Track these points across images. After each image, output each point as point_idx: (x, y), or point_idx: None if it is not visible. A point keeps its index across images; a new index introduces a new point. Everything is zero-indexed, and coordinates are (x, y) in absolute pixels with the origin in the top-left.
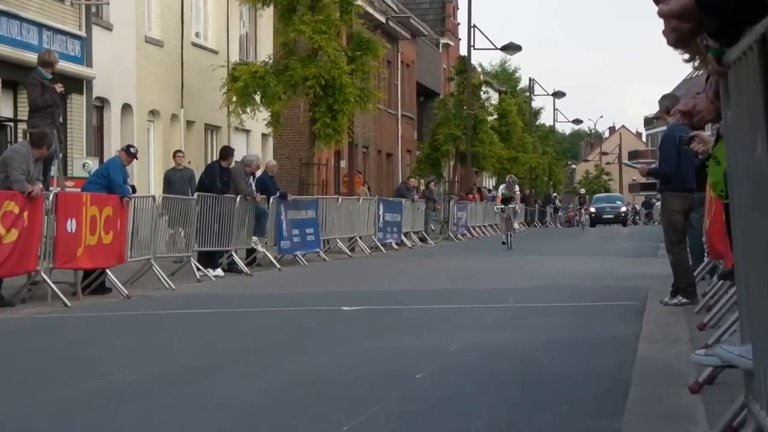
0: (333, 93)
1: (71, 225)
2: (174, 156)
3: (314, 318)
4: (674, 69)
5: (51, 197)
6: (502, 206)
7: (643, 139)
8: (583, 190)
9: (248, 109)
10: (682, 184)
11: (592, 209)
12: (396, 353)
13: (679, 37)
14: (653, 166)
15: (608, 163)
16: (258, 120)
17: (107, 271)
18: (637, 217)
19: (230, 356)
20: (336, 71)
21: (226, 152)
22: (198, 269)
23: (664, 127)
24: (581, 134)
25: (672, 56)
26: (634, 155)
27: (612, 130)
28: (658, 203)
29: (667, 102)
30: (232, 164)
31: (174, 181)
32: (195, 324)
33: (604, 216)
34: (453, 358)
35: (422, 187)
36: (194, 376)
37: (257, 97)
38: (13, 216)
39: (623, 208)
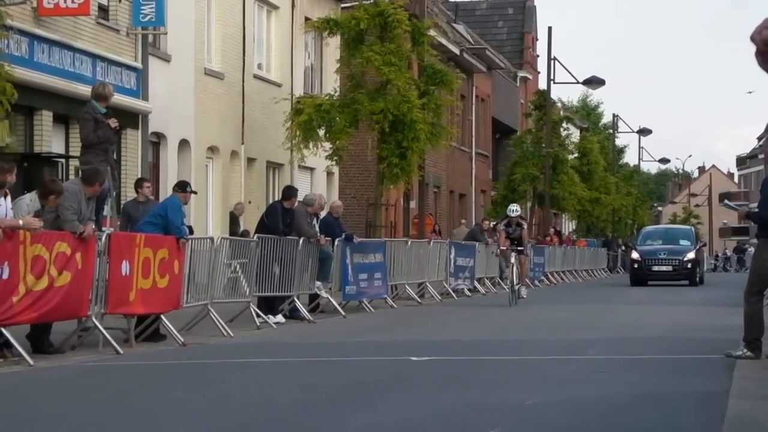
0: (402, 129)
1: (125, 268)
2: (139, 185)
3: (380, 369)
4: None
5: (104, 238)
6: (504, 247)
7: (735, 179)
8: None
9: (311, 145)
10: None
11: (635, 255)
12: (467, 408)
13: None
14: (753, 208)
15: (697, 206)
16: (321, 157)
17: (162, 317)
18: (728, 264)
19: (289, 410)
20: (406, 106)
21: (289, 192)
22: (258, 315)
23: (761, 167)
24: (668, 174)
25: (765, 93)
26: (725, 197)
27: (702, 169)
28: (751, 249)
29: None
30: (296, 205)
31: (134, 216)
32: (253, 374)
33: (655, 268)
34: (529, 414)
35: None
36: (251, 431)
37: (321, 132)
38: (65, 257)
39: (690, 255)
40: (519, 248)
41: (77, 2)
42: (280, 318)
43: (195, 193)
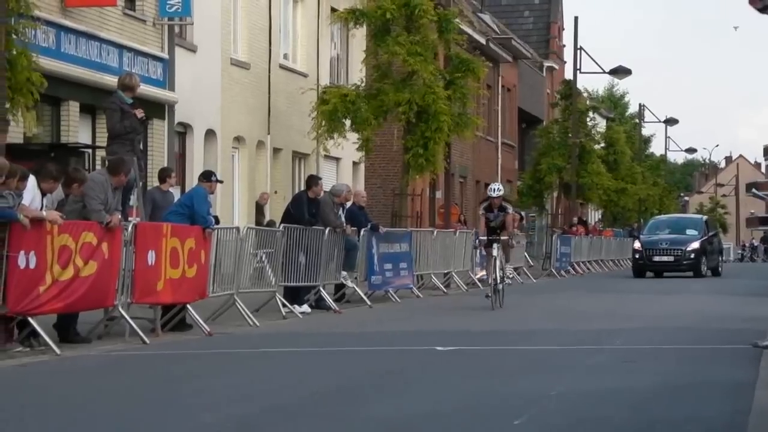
0: (427, 120)
1: (151, 257)
2: (167, 175)
3: (406, 358)
4: None
5: (130, 228)
6: (486, 238)
7: (762, 169)
8: None
9: (335, 135)
10: None
11: (637, 245)
12: (493, 397)
13: None
14: None
15: (724, 195)
16: (347, 147)
17: (188, 306)
18: (755, 254)
19: (314, 398)
20: (431, 96)
21: (311, 181)
22: (284, 305)
23: None
24: (695, 164)
25: None
26: (752, 187)
27: (728, 159)
28: None
29: None
30: (321, 194)
31: (160, 204)
32: (279, 364)
33: (656, 258)
34: (555, 404)
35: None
36: (275, 419)
37: (347, 122)
38: (91, 248)
39: (694, 245)
40: (502, 238)
41: None
42: (305, 308)
43: (221, 182)
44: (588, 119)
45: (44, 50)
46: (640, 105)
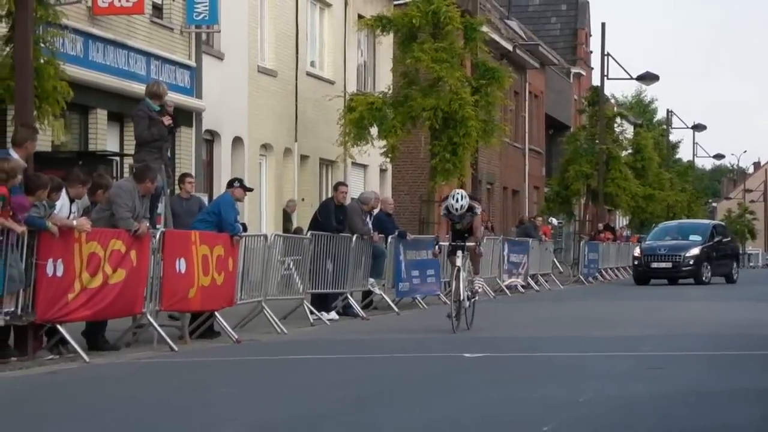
0: (454, 126)
1: (180, 265)
2: (181, 181)
3: (433, 365)
4: None
5: (158, 236)
6: (445, 244)
7: None
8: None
9: (362, 143)
10: None
11: (637, 251)
12: (520, 404)
13: None
14: None
15: (752, 201)
16: (374, 154)
17: (216, 314)
18: None
19: (341, 406)
20: (457, 103)
21: (335, 186)
22: (311, 312)
23: None
24: (723, 170)
25: None
26: None
27: (757, 165)
28: None
29: None
30: (344, 200)
31: (178, 212)
32: (306, 371)
33: (654, 265)
34: (582, 411)
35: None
36: (301, 427)
37: (373, 130)
38: (120, 255)
39: (694, 251)
40: (468, 244)
41: (131, 1)
42: (333, 315)
43: (250, 190)
44: (615, 125)
45: (72, 58)
46: (667, 111)
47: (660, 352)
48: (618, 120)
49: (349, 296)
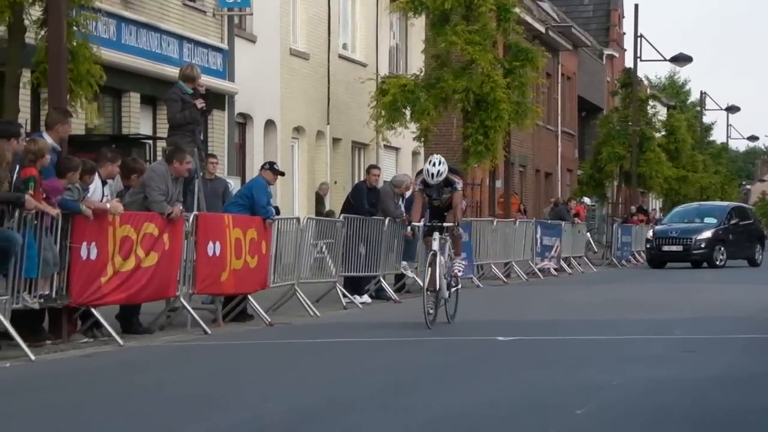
0: (486, 108)
1: (213, 248)
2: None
3: (466, 349)
4: None
5: (191, 219)
6: (419, 224)
7: None
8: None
9: (396, 125)
10: None
11: (650, 234)
12: (554, 387)
13: None
14: None
15: None
16: (406, 137)
17: (249, 297)
18: None
19: (375, 390)
20: (489, 85)
21: (368, 170)
22: (344, 296)
23: None
24: (757, 152)
25: None
26: None
27: None
28: None
29: None
30: (376, 183)
31: (203, 194)
32: (339, 354)
33: (665, 248)
34: (616, 394)
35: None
36: (337, 411)
37: (407, 113)
38: (153, 239)
39: (706, 234)
40: (446, 224)
41: None
42: (366, 298)
43: (282, 174)
44: (648, 107)
45: (105, 42)
46: (701, 92)
47: (694, 335)
48: (651, 102)
49: (381, 279)
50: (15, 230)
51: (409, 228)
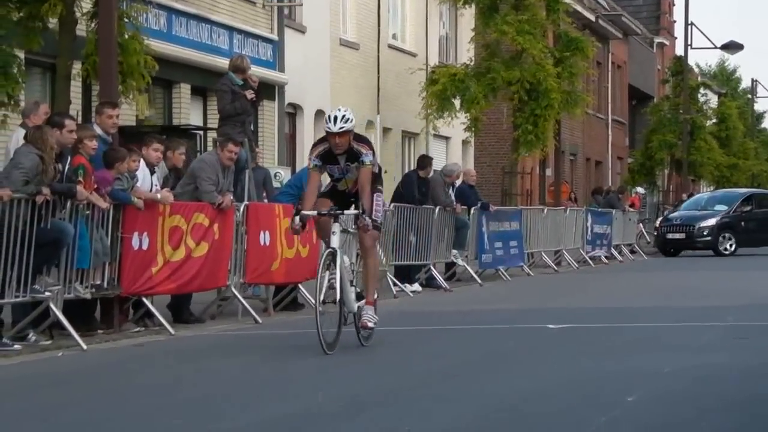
0: (537, 97)
1: (264, 238)
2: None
3: (517, 337)
4: None
5: (242, 209)
6: (311, 213)
7: None
8: None
9: (445, 114)
10: None
11: (658, 222)
12: (605, 375)
13: None
14: None
15: None
16: (456, 126)
17: (300, 286)
18: None
19: (426, 378)
20: (541, 74)
21: (424, 161)
22: (394, 284)
23: None
24: None
25: None
26: None
27: None
28: None
29: None
30: (431, 174)
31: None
32: (390, 343)
33: (669, 236)
34: (667, 381)
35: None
36: (387, 399)
37: (456, 102)
38: (203, 228)
39: (710, 222)
40: (351, 211)
41: None
42: (416, 286)
43: None
44: (699, 95)
45: (155, 33)
46: (752, 80)
47: (745, 322)
48: (702, 90)
49: (432, 268)
50: (67, 221)
51: (297, 218)
